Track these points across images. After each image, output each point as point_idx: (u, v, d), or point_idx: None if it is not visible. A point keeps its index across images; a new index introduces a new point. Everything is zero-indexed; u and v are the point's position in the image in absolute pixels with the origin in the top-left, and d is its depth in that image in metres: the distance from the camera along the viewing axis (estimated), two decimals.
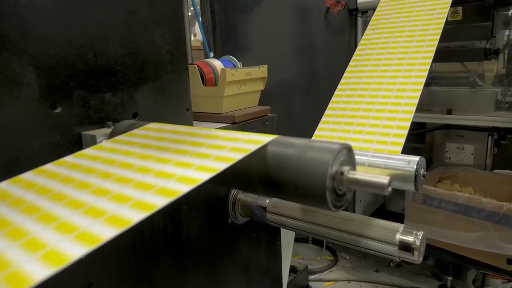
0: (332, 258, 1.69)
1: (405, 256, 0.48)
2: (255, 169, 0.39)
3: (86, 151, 0.45)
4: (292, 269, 1.42)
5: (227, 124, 0.77)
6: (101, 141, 0.53)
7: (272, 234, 0.92)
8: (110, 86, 0.58)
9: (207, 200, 0.73)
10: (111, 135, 0.54)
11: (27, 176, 0.39)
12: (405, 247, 0.48)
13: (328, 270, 1.60)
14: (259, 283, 0.92)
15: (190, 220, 0.71)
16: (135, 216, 0.28)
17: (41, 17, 0.50)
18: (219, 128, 0.75)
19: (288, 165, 0.37)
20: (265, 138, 0.39)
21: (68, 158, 0.43)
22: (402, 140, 0.57)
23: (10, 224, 0.29)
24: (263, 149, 0.38)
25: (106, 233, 0.26)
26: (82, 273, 0.56)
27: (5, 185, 0.37)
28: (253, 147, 0.36)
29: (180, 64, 0.67)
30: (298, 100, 1.80)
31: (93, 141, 0.53)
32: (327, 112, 0.71)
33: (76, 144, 0.54)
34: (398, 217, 1.47)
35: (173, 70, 0.66)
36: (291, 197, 0.37)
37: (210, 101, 0.81)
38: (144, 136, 0.46)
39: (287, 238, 1.00)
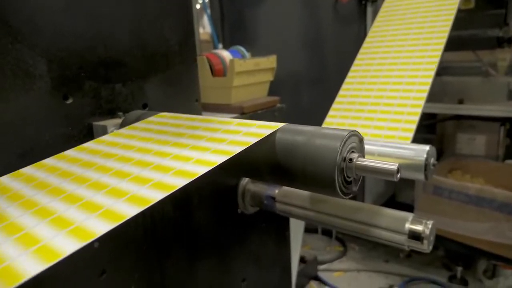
0: (342, 248, 1.69)
1: (414, 245, 0.48)
2: (263, 157, 0.40)
3: (105, 137, 0.46)
4: (301, 259, 1.43)
5: (236, 115, 0.78)
6: (111, 132, 0.54)
7: (281, 224, 0.93)
8: (120, 77, 0.58)
9: (217, 190, 0.74)
10: (121, 126, 0.55)
11: (50, 161, 0.40)
12: (414, 236, 0.48)
13: (338, 260, 1.61)
14: (269, 273, 0.93)
15: (200, 210, 0.71)
16: (155, 196, 0.28)
17: (51, 10, 0.50)
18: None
19: (297, 152, 0.37)
20: (277, 124, 0.39)
21: (88, 144, 0.44)
22: (413, 126, 0.57)
23: (38, 205, 0.31)
24: (271, 136, 0.39)
25: (129, 211, 0.27)
26: (95, 261, 0.57)
27: (30, 169, 0.39)
28: (267, 132, 0.37)
29: (189, 55, 0.67)
30: (307, 91, 1.80)
31: (104, 132, 0.54)
32: (337, 99, 0.71)
33: (88, 135, 0.55)
34: (408, 208, 1.46)
35: (182, 61, 0.66)
36: (300, 185, 0.38)
37: (219, 91, 0.81)
38: (160, 123, 0.47)
39: (296, 228, 1.00)
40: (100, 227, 0.26)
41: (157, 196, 0.29)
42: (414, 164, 0.53)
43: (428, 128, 1.67)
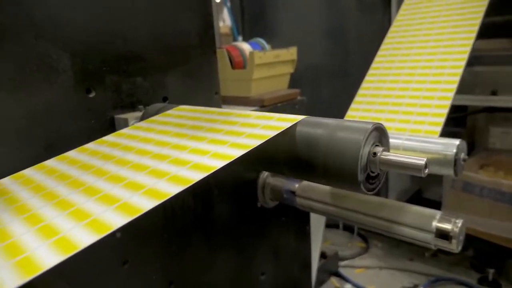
0: (364, 245, 1.67)
1: (442, 244, 0.46)
2: (283, 150, 0.39)
3: (125, 130, 0.47)
4: (322, 255, 1.41)
5: (255, 108, 0.77)
6: (132, 124, 0.54)
7: (301, 219, 0.92)
8: (141, 70, 0.59)
9: (237, 183, 0.74)
10: (141, 118, 0.55)
11: (72, 154, 0.41)
12: (442, 234, 0.46)
13: (359, 257, 1.58)
14: (288, 268, 0.92)
15: (219, 202, 0.72)
16: (172, 189, 0.28)
17: (73, 5, 0.51)
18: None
19: (318, 146, 0.36)
20: (297, 117, 0.38)
21: (108, 137, 0.44)
22: (442, 120, 0.54)
23: (58, 196, 0.31)
24: (292, 129, 0.38)
25: (146, 204, 0.27)
26: (118, 251, 0.58)
27: (52, 162, 0.40)
28: (286, 125, 0.36)
29: (208, 48, 0.66)
30: (328, 83, 1.76)
31: (125, 124, 0.55)
32: (360, 91, 0.69)
33: (109, 128, 0.55)
34: (435, 205, 1.41)
35: (202, 54, 0.66)
36: (321, 179, 0.37)
37: (238, 84, 0.80)
38: (179, 116, 0.47)
39: (317, 223, 0.99)
40: (117, 220, 0.26)
41: (173, 190, 0.28)
42: (443, 159, 0.50)
43: (457, 121, 1.61)
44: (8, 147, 0.46)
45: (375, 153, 0.34)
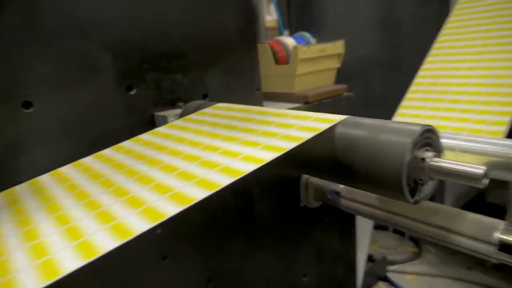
0: (415, 249, 1.57)
1: (505, 259, 0.41)
2: (321, 152, 0.36)
3: (160, 129, 0.47)
4: (370, 258, 1.35)
5: (299, 104, 0.74)
6: (171, 121, 0.54)
7: (347, 220, 0.88)
8: (181, 67, 0.58)
9: (278, 182, 0.72)
10: (181, 116, 0.55)
11: (107, 152, 0.42)
12: (506, 247, 0.40)
13: (410, 262, 1.49)
14: (332, 269, 0.89)
15: (261, 200, 0.70)
16: (198, 195, 0.27)
17: (115, 4, 0.51)
18: (291, 108, 0.72)
19: (359, 148, 0.33)
20: (336, 117, 0.35)
21: (144, 136, 0.45)
22: (507, 119, 0.48)
23: (114, 184, 0.32)
24: (331, 130, 0.35)
25: (170, 209, 0.26)
26: (157, 246, 0.59)
27: (109, 151, 0.42)
28: (323, 126, 0.33)
29: (250, 44, 0.65)
30: (379, 78, 1.68)
31: (164, 121, 0.54)
32: (412, 87, 0.64)
33: (150, 125, 0.56)
34: (500, 211, 1.29)
35: (243, 50, 0.64)
36: (362, 185, 0.33)
37: (282, 80, 0.78)
38: (214, 114, 0.46)
39: (364, 224, 0.94)
40: (142, 225, 0.25)
41: (198, 194, 0.27)
42: (507, 163, 0.45)
43: None
44: (55, 143, 0.47)
45: (423, 159, 0.30)
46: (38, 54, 0.46)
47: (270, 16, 1.84)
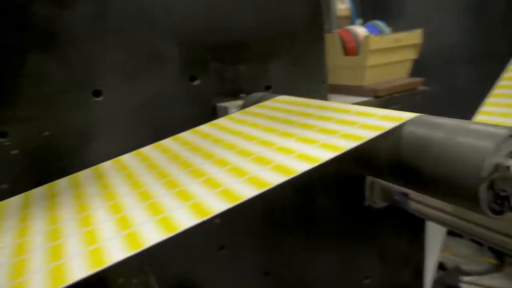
0: (495, 261, 1.41)
1: None
2: (385, 153, 0.33)
3: (218, 121, 0.47)
4: (440, 266, 1.25)
5: (368, 98, 0.70)
6: (232, 113, 0.54)
7: (415, 223, 0.82)
8: (244, 58, 0.58)
9: (342, 179, 0.69)
10: (242, 107, 0.55)
11: (166, 142, 0.43)
12: None
13: (488, 275, 1.35)
14: (396, 273, 0.83)
15: (322, 197, 0.68)
16: (247, 192, 0.26)
17: None
18: (359, 102, 0.68)
19: (428, 151, 0.29)
20: (405, 115, 0.32)
21: (202, 127, 0.45)
22: None
23: (168, 176, 0.33)
24: (398, 129, 0.32)
25: (218, 205, 0.26)
26: (216, 236, 0.60)
27: (167, 141, 0.43)
28: (389, 125, 0.30)
29: (316, 34, 0.62)
30: (463, 71, 1.52)
31: (225, 113, 0.55)
32: (501, 82, 0.56)
33: (212, 115, 0.56)
34: None
35: (309, 40, 0.61)
36: (430, 192, 0.30)
37: (350, 72, 0.74)
38: (273, 108, 0.45)
39: (436, 229, 0.87)
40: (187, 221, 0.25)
41: (247, 192, 0.26)
42: None
43: None
44: (121, 131, 0.50)
45: (509, 167, 0.26)
46: (108, 46, 0.48)
47: (342, 4, 1.76)
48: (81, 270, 0.22)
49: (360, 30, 0.74)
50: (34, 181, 0.45)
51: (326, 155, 0.28)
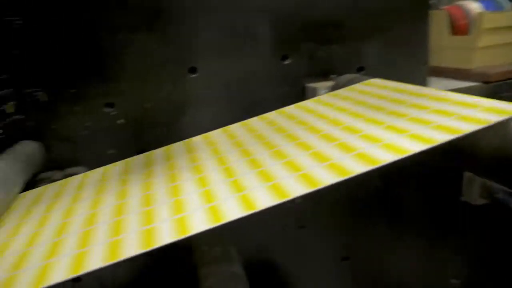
0: None
1: None
2: (488, 149, 0.29)
3: (305, 103, 0.46)
4: None
5: (475, 83, 0.62)
6: (322, 94, 0.53)
7: None
8: (338, 38, 0.55)
9: (435, 170, 0.64)
10: (332, 89, 0.53)
11: (252, 121, 0.44)
12: None
13: None
14: (490, 278, 0.76)
15: (411, 188, 0.64)
16: (326, 179, 0.26)
17: None
18: (464, 88, 0.61)
19: None
20: None
21: (288, 108, 0.45)
22: None
23: (251, 155, 0.34)
24: (505, 123, 0.28)
25: (296, 189, 0.26)
26: (295, 216, 0.61)
27: (254, 121, 0.44)
28: (493, 119, 0.27)
29: (420, 11, 0.56)
30: None
31: (314, 94, 0.54)
32: None
33: (302, 96, 0.56)
34: None
35: (411, 17, 0.56)
36: None
37: (457, 53, 0.67)
38: (363, 92, 0.43)
39: None
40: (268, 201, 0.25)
41: (327, 179, 0.25)
42: None
43: None
44: (213, 108, 0.52)
45: None
46: (205, 25, 0.50)
47: None
48: (168, 236, 0.24)
49: (473, 6, 0.65)
50: (136, 149, 0.51)
51: (415, 147, 0.26)
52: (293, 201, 0.25)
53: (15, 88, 0.47)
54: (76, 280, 0.53)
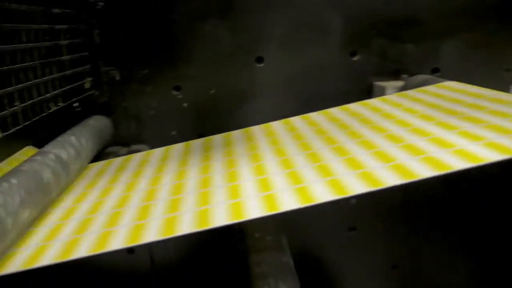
0: None
1: None
2: None
3: (371, 101, 0.45)
4: None
5: None
6: (390, 94, 0.50)
7: None
8: (413, 36, 0.52)
9: (506, 181, 0.58)
10: (402, 89, 0.50)
11: (314, 115, 0.43)
12: None
13: None
14: None
15: (479, 197, 0.59)
16: (389, 180, 0.25)
17: None
18: None
19: None
20: None
21: (353, 105, 0.44)
22: None
23: (310, 149, 0.33)
24: None
25: (356, 187, 0.25)
26: (347, 217, 0.59)
27: (315, 115, 0.43)
28: None
29: (505, 12, 0.51)
30: None
31: (382, 93, 0.51)
32: None
33: (367, 94, 0.54)
34: None
35: (494, 19, 0.51)
36: None
37: None
38: (436, 94, 0.40)
39: None
40: (326, 195, 0.24)
41: (390, 181, 0.24)
42: None
43: None
44: (276, 98, 0.52)
45: None
46: (276, 15, 0.50)
47: None
48: (222, 218, 0.24)
49: None
50: (197, 133, 0.52)
51: (490, 156, 0.24)
52: (347, 201, 0.24)
53: (93, 66, 0.51)
54: (130, 251, 0.56)
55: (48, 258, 0.23)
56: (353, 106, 0.43)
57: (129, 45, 0.50)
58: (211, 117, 0.53)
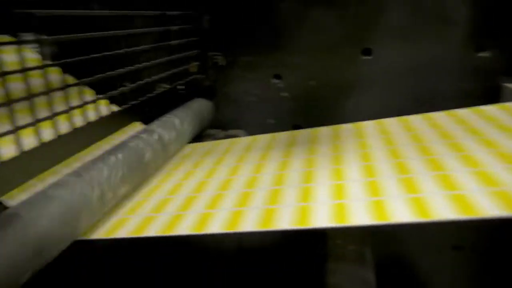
0: None
1: None
2: None
3: (509, 104, 0.38)
4: None
5: None
6: None
7: None
8: None
9: None
10: None
11: (436, 115, 0.38)
12: None
13: None
14: None
15: None
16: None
17: None
18: None
19: None
20: None
21: (487, 107, 0.37)
22: None
23: (432, 154, 0.29)
24: None
25: (488, 208, 0.21)
26: (452, 233, 0.52)
27: (438, 115, 0.38)
28: None
29: None
30: None
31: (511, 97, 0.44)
32: None
33: (493, 97, 0.46)
34: None
35: None
36: None
37: None
38: None
39: None
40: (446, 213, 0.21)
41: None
42: None
43: None
44: (384, 92, 0.48)
45: None
46: (390, 3, 0.46)
47: None
48: (322, 219, 0.23)
49: None
50: (293, 123, 0.51)
51: None
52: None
53: (200, 51, 0.52)
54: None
55: (155, 228, 0.24)
56: (488, 108, 0.36)
57: (236, 32, 0.51)
58: (309, 108, 0.51)
